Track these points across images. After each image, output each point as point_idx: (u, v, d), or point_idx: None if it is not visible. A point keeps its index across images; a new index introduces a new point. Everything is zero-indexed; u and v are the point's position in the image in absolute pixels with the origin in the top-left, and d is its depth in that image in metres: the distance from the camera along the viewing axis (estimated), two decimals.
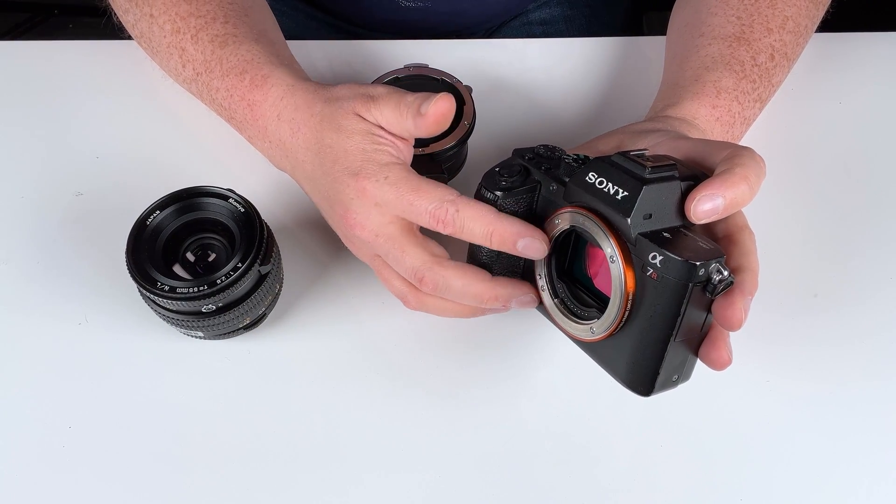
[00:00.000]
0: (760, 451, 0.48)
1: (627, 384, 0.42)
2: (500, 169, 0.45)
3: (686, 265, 0.37)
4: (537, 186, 0.44)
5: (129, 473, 0.48)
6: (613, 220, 0.39)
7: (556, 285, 0.45)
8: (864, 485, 0.47)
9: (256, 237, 0.47)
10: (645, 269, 0.38)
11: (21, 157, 0.60)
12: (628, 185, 0.38)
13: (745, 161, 0.40)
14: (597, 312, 0.42)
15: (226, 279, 0.45)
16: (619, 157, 0.39)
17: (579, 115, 0.63)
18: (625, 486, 0.47)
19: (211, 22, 0.54)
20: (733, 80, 0.52)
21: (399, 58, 0.60)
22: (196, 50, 0.53)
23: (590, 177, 0.40)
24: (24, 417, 0.49)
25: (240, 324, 0.49)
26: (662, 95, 0.55)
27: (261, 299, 0.49)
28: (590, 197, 0.40)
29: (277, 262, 0.50)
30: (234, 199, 0.48)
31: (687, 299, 0.38)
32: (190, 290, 0.45)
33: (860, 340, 0.52)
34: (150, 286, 0.45)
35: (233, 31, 0.53)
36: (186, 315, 0.47)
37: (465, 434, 0.49)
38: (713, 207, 0.39)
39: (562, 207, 0.42)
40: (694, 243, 0.38)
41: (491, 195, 0.45)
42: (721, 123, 0.52)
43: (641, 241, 0.38)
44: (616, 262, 0.39)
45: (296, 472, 0.48)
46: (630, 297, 0.39)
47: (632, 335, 0.41)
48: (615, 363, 0.43)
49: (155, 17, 0.55)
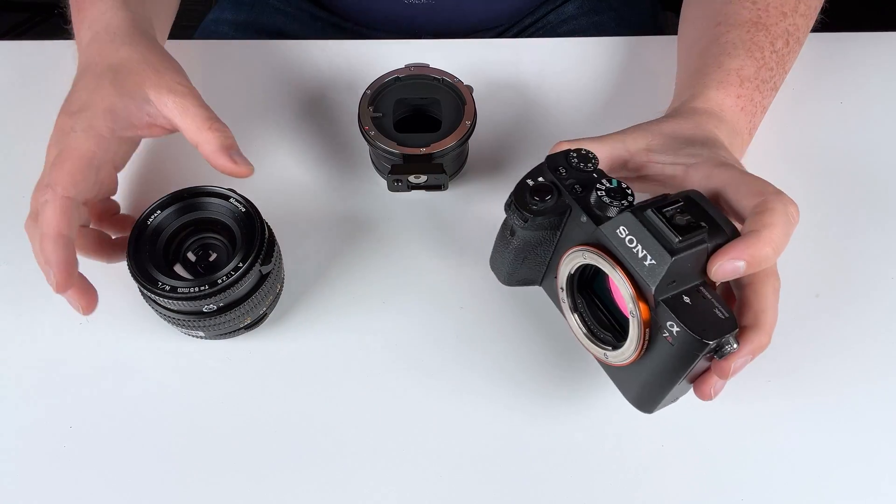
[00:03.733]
0: (761, 451, 0.48)
1: (633, 403, 0.45)
2: (534, 187, 0.45)
3: (699, 343, 0.39)
4: (568, 211, 0.45)
5: (130, 473, 0.48)
6: (638, 281, 0.41)
7: (577, 300, 0.47)
8: (866, 485, 0.47)
9: (257, 237, 0.46)
10: (661, 330, 0.40)
11: (21, 157, 0.60)
12: (657, 255, 0.39)
13: (774, 220, 0.41)
14: (612, 339, 0.45)
15: (227, 279, 0.45)
16: (652, 214, 0.40)
17: (580, 115, 0.63)
18: (625, 486, 0.47)
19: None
20: (754, 67, 0.53)
21: (400, 57, 0.60)
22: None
23: (620, 231, 0.41)
24: (25, 417, 0.49)
25: (240, 324, 0.49)
26: (685, 83, 0.55)
27: (261, 299, 0.49)
28: (618, 252, 0.41)
29: (278, 262, 0.50)
30: (235, 199, 0.48)
31: (696, 363, 0.41)
32: (191, 289, 0.45)
33: (862, 340, 0.52)
34: (151, 286, 0.45)
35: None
36: (187, 315, 0.47)
37: (466, 433, 0.49)
38: (734, 269, 0.40)
39: (591, 245, 0.43)
40: (710, 310, 0.40)
41: (520, 217, 0.45)
42: (745, 113, 0.52)
43: (662, 307, 0.40)
44: (635, 318, 0.41)
45: (296, 471, 0.48)
46: (643, 348, 0.42)
47: (642, 372, 0.43)
48: (623, 384, 0.46)
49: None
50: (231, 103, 0.63)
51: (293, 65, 0.67)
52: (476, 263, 0.56)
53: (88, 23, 0.52)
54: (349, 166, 0.60)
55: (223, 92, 0.64)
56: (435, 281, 0.55)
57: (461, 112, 0.57)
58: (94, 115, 0.47)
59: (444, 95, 0.58)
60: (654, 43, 0.68)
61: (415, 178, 0.56)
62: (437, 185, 0.58)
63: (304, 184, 0.59)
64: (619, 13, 0.80)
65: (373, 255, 0.56)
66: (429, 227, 0.58)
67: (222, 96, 0.63)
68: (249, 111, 0.64)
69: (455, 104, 0.57)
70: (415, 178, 0.56)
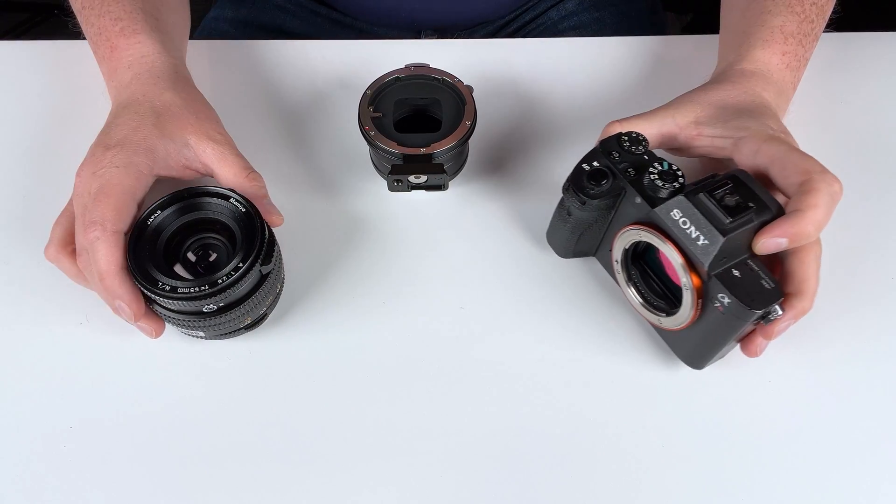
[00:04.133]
0: (762, 451, 0.48)
1: (685, 361, 0.50)
2: (590, 172, 0.48)
3: (748, 312, 0.43)
4: (622, 193, 0.48)
5: (130, 473, 0.47)
6: (692, 259, 0.44)
7: (631, 271, 0.50)
8: (867, 484, 0.47)
9: (258, 237, 0.46)
10: (713, 300, 0.44)
11: (21, 157, 0.60)
12: (709, 235, 0.43)
13: (817, 201, 0.44)
14: (665, 306, 0.49)
15: (227, 279, 0.45)
16: (704, 198, 0.44)
17: (580, 115, 0.63)
18: (625, 487, 0.47)
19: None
20: (796, 22, 0.54)
21: (400, 57, 0.60)
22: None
23: (675, 213, 0.44)
24: (25, 418, 0.49)
25: (241, 324, 0.49)
26: (729, 44, 0.56)
27: (262, 299, 0.49)
28: (673, 232, 0.45)
29: (278, 262, 0.50)
30: (235, 199, 0.48)
31: (744, 329, 0.45)
32: (191, 289, 0.45)
33: (862, 340, 0.52)
34: (151, 286, 0.45)
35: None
36: (188, 315, 0.47)
37: (466, 433, 0.49)
38: (776, 245, 0.44)
39: (647, 224, 0.47)
40: (757, 281, 0.44)
41: (577, 200, 0.49)
42: (790, 69, 0.54)
43: (714, 280, 0.44)
44: (689, 291, 0.45)
45: (297, 471, 0.48)
46: (697, 317, 0.46)
47: (693, 335, 0.48)
48: (676, 345, 0.51)
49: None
50: (231, 103, 0.63)
51: (293, 64, 0.67)
52: (476, 263, 0.56)
53: (127, 62, 0.54)
54: (349, 166, 0.60)
55: (223, 91, 0.64)
56: (435, 281, 0.55)
57: (461, 112, 0.57)
58: (134, 153, 0.48)
59: (444, 95, 0.58)
60: (654, 43, 0.68)
61: (415, 178, 0.56)
62: (437, 185, 0.58)
63: (304, 184, 0.59)
64: (620, 9, 0.80)
65: (373, 255, 0.56)
66: (429, 227, 0.58)
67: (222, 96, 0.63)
68: (249, 111, 0.64)
69: (455, 104, 0.57)
70: (415, 178, 0.56)
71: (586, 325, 0.53)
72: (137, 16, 0.55)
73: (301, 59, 0.67)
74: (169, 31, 0.57)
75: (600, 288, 0.55)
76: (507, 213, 0.58)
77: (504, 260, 0.56)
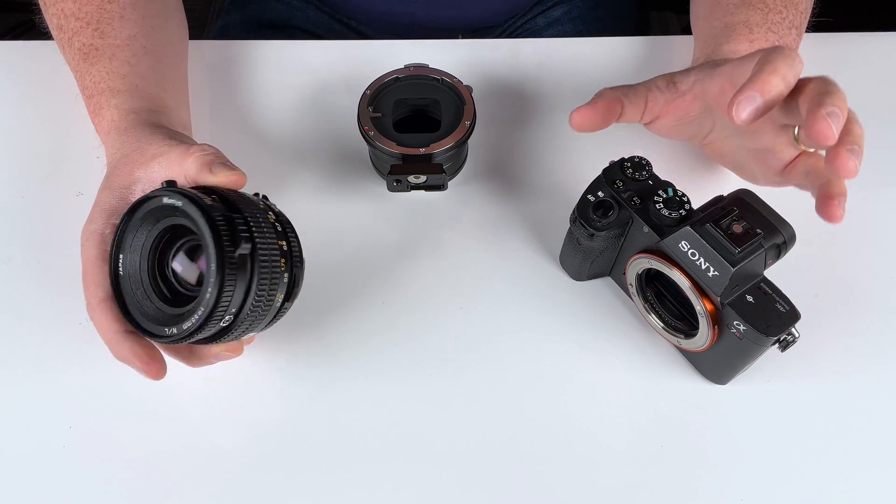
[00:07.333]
0: (761, 451, 0.48)
1: (708, 378, 0.50)
2: (595, 204, 0.49)
3: (764, 338, 0.43)
4: (629, 222, 0.48)
5: (129, 474, 0.48)
6: (704, 289, 0.45)
7: (646, 291, 0.50)
8: (866, 484, 0.47)
9: (214, 225, 0.39)
10: (729, 326, 0.45)
11: (21, 157, 0.60)
12: (719, 266, 0.43)
13: (772, 57, 0.42)
14: (685, 328, 0.49)
15: (210, 295, 0.39)
16: (711, 228, 0.43)
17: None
18: (625, 487, 0.47)
19: (84, 28, 0.55)
20: (760, 14, 0.55)
21: (399, 58, 0.60)
22: (69, 56, 0.57)
23: (683, 245, 0.44)
24: (24, 418, 0.49)
25: (275, 305, 0.44)
26: (700, 48, 0.57)
27: (269, 277, 0.42)
28: (683, 263, 0.45)
29: (259, 229, 0.42)
30: (167, 198, 0.41)
31: (764, 351, 0.46)
32: (192, 322, 0.40)
33: (861, 340, 0.52)
34: (159, 336, 0.42)
35: (99, 41, 0.55)
36: (217, 335, 0.43)
37: (467, 433, 0.49)
38: (754, 108, 0.41)
39: (657, 254, 0.47)
40: (772, 305, 0.44)
41: (585, 232, 0.49)
42: None
43: (728, 308, 0.44)
44: (704, 317, 0.45)
45: (296, 470, 0.48)
46: (715, 339, 0.46)
47: (713, 356, 0.48)
48: (698, 364, 0.51)
49: (47, 6, 0.58)
50: (231, 103, 0.64)
51: (293, 65, 0.67)
52: (476, 264, 0.56)
53: (102, 136, 0.53)
54: (349, 166, 0.60)
55: (223, 92, 0.64)
56: (435, 281, 0.55)
57: (460, 112, 0.57)
58: (91, 222, 0.47)
59: (443, 95, 0.58)
60: (655, 43, 0.68)
61: (414, 178, 0.56)
62: (437, 185, 0.58)
63: (303, 183, 0.59)
64: (605, 24, 0.82)
65: (372, 255, 0.56)
66: (428, 227, 0.58)
67: (222, 96, 0.63)
68: (249, 111, 0.64)
69: (454, 104, 0.57)
70: (414, 178, 0.56)
71: (586, 324, 0.53)
72: (113, 83, 0.53)
73: (301, 59, 0.67)
74: (146, 74, 0.54)
75: (601, 288, 0.55)
76: (506, 213, 0.58)
77: (503, 260, 0.56)
